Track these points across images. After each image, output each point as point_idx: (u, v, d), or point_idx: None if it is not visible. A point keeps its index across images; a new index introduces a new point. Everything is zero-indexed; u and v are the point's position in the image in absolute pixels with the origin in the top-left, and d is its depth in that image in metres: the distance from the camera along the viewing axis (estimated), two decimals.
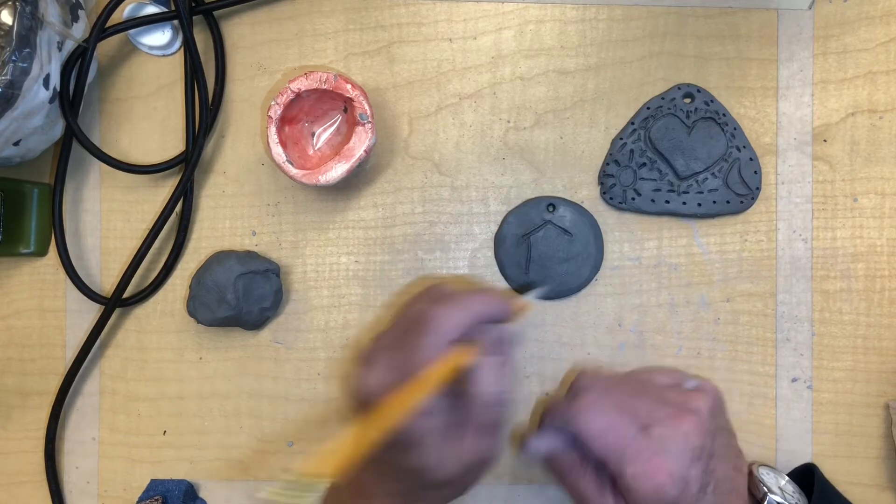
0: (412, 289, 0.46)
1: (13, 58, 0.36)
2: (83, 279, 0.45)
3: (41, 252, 0.46)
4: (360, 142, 0.41)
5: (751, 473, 0.41)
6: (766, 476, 0.41)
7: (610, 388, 0.39)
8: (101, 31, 0.42)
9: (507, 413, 0.36)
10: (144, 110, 0.46)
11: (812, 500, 0.39)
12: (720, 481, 0.37)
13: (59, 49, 0.40)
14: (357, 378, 0.35)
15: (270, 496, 0.26)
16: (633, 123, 0.45)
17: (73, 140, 0.44)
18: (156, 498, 0.44)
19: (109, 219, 0.46)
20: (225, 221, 0.46)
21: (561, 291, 0.45)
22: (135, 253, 0.44)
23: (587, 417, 0.37)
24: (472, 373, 0.34)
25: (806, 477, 0.42)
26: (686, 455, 0.36)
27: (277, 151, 0.41)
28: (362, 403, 0.34)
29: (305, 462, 0.28)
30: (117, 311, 0.45)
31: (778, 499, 0.39)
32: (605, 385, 0.39)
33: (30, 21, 0.37)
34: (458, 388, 0.34)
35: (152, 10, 0.44)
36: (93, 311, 0.46)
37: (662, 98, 0.45)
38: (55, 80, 0.40)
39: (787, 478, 0.41)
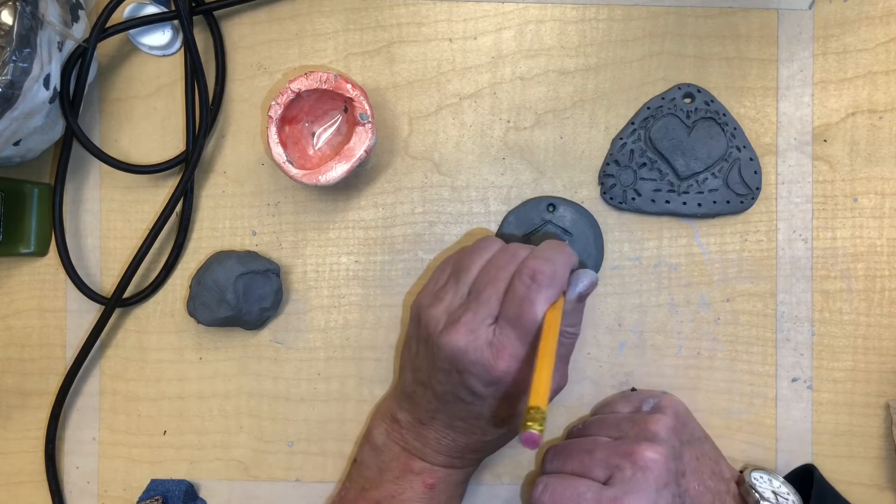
0: (399, 287, 0.46)
1: (13, 58, 0.36)
2: (83, 279, 0.45)
3: (41, 252, 0.46)
4: (360, 142, 0.41)
5: (742, 481, 0.41)
6: (759, 481, 0.41)
7: (562, 461, 0.40)
8: (101, 31, 0.42)
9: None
10: (144, 110, 0.46)
11: (810, 502, 0.39)
12: (695, 497, 0.38)
13: (60, 49, 0.40)
14: (459, 332, 0.36)
15: (533, 429, 0.31)
16: (633, 123, 0.45)
17: (73, 140, 0.44)
18: (156, 498, 0.44)
19: (109, 219, 0.46)
20: (225, 221, 0.46)
21: None
22: (135, 253, 0.44)
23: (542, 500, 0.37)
24: (563, 315, 0.37)
25: (805, 478, 0.42)
26: (650, 490, 0.36)
27: (277, 151, 0.41)
28: (476, 367, 0.36)
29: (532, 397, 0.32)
30: (117, 311, 0.45)
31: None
32: (557, 462, 0.40)
33: (30, 21, 0.37)
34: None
35: (152, 10, 0.44)
36: (93, 311, 0.46)
37: (662, 98, 0.45)
38: (55, 80, 0.40)
39: (782, 480, 0.41)
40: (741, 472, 0.43)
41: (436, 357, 0.37)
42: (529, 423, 0.31)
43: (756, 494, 0.39)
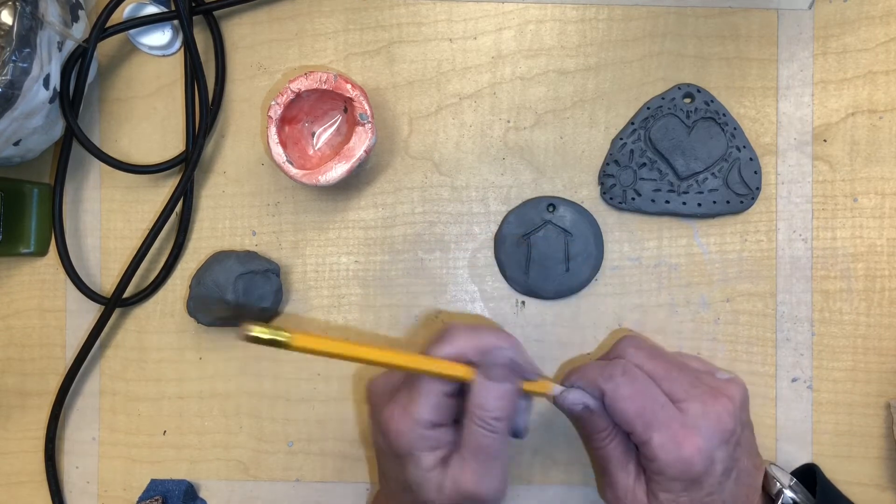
0: (400, 289, 0.46)
1: (13, 58, 0.36)
2: (83, 279, 0.45)
3: (41, 252, 0.46)
4: (360, 142, 0.41)
5: (765, 472, 0.41)
6: (779, 474, 0.41)
7: (646, 358, 0.39)
8: (101, 31, 0.42)
9: (505, 446, 0.35)
10: (144, 110, 0.46)
11: (816, 501, 0.39)
12: (742, 472, 0.38)
13: (59, 49, 0.40)
14: (378, 380, 0.38)
15: (255, 332, 0.30)
16: (633, 123, 0.45)
17: (73, 140, 0.44)
18: (156, 498, 0.44)
19: (109, 219, 0.46)
20: (225, 221, 0.46)
21: (561, 291, 0.45)
22: (135, 253, 0.44)
23: (617, 381, 0.37)
24: (471, 391, 0.35)
25: (806, 477, 0.42)
26: (716, 435, 0.36)
27: (277, 151, 0.41)
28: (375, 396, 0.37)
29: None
30: (117, 311, 0.45)
31: (791, 495, 0.39)
32: (642, 353, 0.39)
33: (30, 21, 0.37)
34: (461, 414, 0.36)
35: (152, 10, 0.44)
36: (93, 311, 0.46)
37: (662, 98, 0.45)
38: (55, 80, 0.40)
39: (793, 478, 0.41)
40: None
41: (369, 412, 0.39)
42: (260, 327, 0.30)
43: (778, 484, 0.40)
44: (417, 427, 0.34)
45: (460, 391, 0.36)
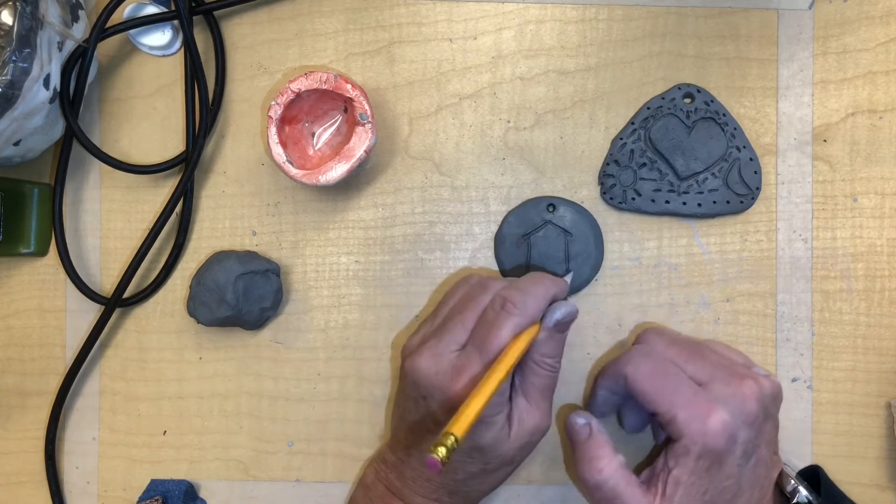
0: (402, 288, 0.46)
1: (13, 58, 0.36)
2: (83, 279, 0.45)
3: (41, 252, 0.46)
4: (360, 142, 0.41)
5: (781, 470, 0.41)
6: (792, 474, 0.41)
7: (668, 344, 0.40)
8: (101, 31, 0.42)
9: (556, 380, 0.39)
10: (144, 110, 0.46)
11: (821, 501, 0.39)
12: (761, 461, 0.38)
13: (60, 49, 0.40)
14: (423, 358, 0.37)
15: (436, 454, 0.30)
16: (633, 123, 0.45)
17: (73, 140, 0.44)
18: (156, 498, 0.44)
19: (109, 219, 0.46)
20: (225, 221, 0.46)
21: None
22: (135, 253, 0.44)
23: (637, 362, 0.38)
24: (537, 343, 0.38)
25: (810, 479, 0.42)
26: (740, 414, 0.36)
27: (277, 151, 0.41)
28: (435, 390, 0.37)
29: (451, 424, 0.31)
30: (117, 311, 0.45)
31: (807, 494, 0.39)
32: (664, 340, 0.40)
33: (30, 21, 0.37)
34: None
35: (152, 10, 0.44)
36: (93, 311, 0.46)
37: (662, 98, 0.45)
38: (55, 80, 0.40)
39: (800, 479, 0.41)
40: None
41: (406, 385, 0.39)
42: (435, 448, 0.29)
43: (793, 482, 0.40)
44: (494, 398, 0.35)
45: None
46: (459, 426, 0.31)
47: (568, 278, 0.43)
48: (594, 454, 0.38)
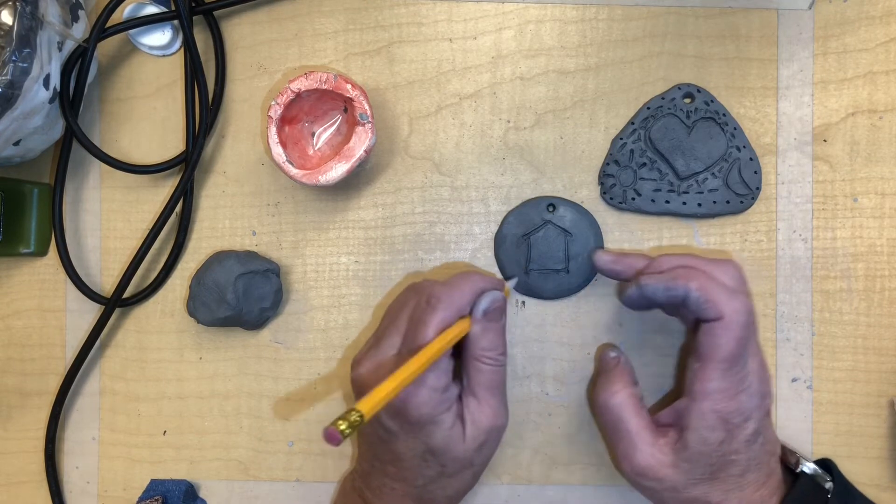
0: (398, 289, 0.46)
1: (13, 58, 0.36)
2: (83, 279, 0.45)
3: (41, 252, 0.46)
4: (360, 142, 0.41)
5: (782, 445, 0.42)
6: (795, 449, 0.42)
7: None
8: (101, 31, 0.42)
9: (504, 376, 0.40)
10: (144, 110, 0.46)
11: (836, 487, 0.40)
12: (767, 440, 0.39)
13: (59, 49, 0.40)
14: (363, 367, 0.38)
15: (339, 427, 0.29)
16: (633, 123, 0.45)
17: (73, 140, 0.44)
18: (156, 498, 0.44)
19: (109, 219, 0.46)
20: (225, 221, 0.46)
21: (561, 291, 0.45)
22: (135, 253, 0.44)
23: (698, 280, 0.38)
24: (473, 339, 0.38)
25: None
26: (758, 386, 0.38)
27: (277, 151, 0.41)
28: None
29: (361, 401, 0.31)
30: (117, 311, 0.45)
31: (813, 466, 0.40)
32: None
33: (30, 21, 0.37)
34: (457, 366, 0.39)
35: (152, 10, 0.44)
36: (93, 311, 0.46)
37: (662, 98, 0.45)
38: (55, 80, 0.40)
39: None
40: None
41: (355, 396, 0.39)
42: (338, 421, 0.29)
43: (798, 455, 0.40)
44: (435, 394, 0.36)
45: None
46: (366, 403, 0.31)
47: (511, 283, 0.44)
48: (614, 380, 0.41)
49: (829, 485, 0.39)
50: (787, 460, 0.41)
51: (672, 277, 0.38)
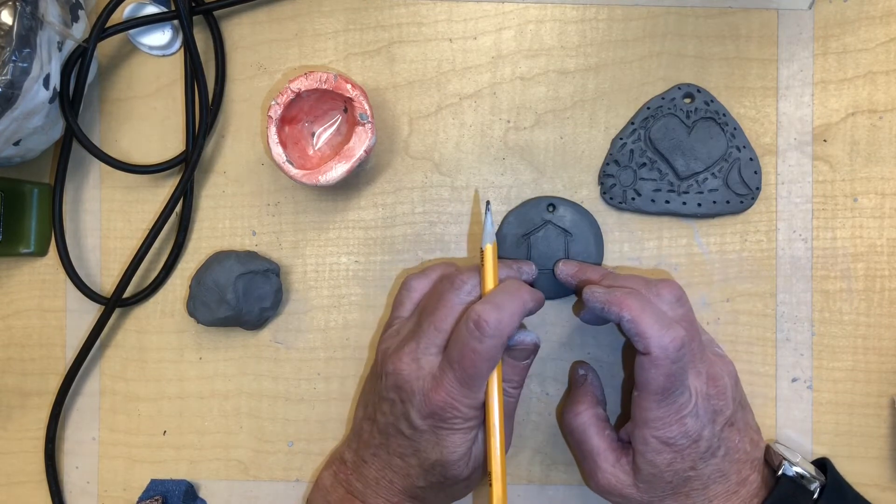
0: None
1: (13, 58, 0.36)
2: (83, 279, 0.45)
3: (41, 252, 0.46)
4: (360, 142, 0.41)
5: (768, 448, 0.41)
6: (784, 451, 0.41)
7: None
8: (101, 31, 0.42)
9: (515, 406, 0.41)
10: (144, 110, 0.46)
11: (827, 487, 0.39)
12: (732, 450, 0.38)
13: (59, 49, 0.40)
14: (404, 361, 0.38)
15: None
16: (633, 123, 0.45)
17: (73, 140, 0.44)
18: (156, 498, 0.44)
19: (109, 219, 0.46)
20: (225, 221, 0.46)
21: (561, 291, 0.45)
22: (135, 253, 0.44)
23: (634, 306, 0.38)
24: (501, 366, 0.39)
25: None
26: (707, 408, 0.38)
27: (277, 151, 0.41)
28: (415, 395, 0.37)
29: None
30: (117, 311, 0.45)
31: (797, 469, 0.39)
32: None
33: (30, 21, 0.37)
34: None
35: (152, 10, 0.44)
36: (93, 311, 0.46)
37: (662, 98, 0.45)
38: (55, 80, 0.40)
39: (800, 456, 0.41)
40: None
41: (383, 386, 0.39)
42: None
43: (782, 458, 0.40)
44: (471, 412, 0.38)
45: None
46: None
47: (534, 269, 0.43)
48: (579, 399, 0.42)
49: (815, 486, 0.39)
50: (772, 463, 0.40)
51: (607, 301, 0.38)
